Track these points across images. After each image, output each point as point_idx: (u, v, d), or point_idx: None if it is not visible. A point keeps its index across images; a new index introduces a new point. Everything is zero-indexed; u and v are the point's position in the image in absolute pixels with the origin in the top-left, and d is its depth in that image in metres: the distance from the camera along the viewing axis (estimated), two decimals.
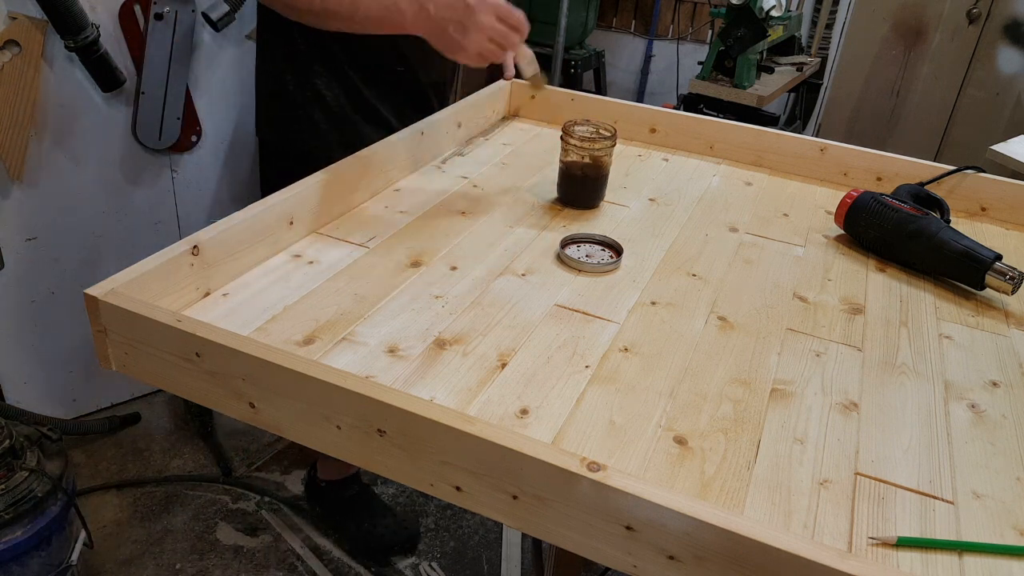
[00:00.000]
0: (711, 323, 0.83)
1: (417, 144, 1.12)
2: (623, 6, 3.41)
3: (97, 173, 1.75)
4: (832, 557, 0.48)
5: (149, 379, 0.70)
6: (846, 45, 3.24)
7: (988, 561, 0.57)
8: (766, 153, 1.28)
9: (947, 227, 0.96)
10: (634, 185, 1.16)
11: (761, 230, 1.06)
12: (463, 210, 1.03)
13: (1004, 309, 0.93)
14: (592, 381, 0.72)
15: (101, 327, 0.69)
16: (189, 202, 1.94)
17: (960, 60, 3.11)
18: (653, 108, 1.34)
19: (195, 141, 1.87)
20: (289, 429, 0.65)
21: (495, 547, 1.72)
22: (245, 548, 1.65)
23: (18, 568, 1.29)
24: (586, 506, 0.54)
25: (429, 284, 0.85)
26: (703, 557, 0.52)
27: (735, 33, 2.34)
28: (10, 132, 1.57)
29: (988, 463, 0.67)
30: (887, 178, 1.20)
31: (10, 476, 1.27)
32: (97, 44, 1.58)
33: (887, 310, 0.90)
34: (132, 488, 1.78)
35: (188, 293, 0.76)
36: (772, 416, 0.70)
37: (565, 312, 0.82)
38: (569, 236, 0.96)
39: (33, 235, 1.70)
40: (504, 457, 0.55)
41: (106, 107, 1.71)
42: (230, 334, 0.64)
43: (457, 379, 0.70)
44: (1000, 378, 0.79)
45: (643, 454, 0.63)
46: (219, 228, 0.79)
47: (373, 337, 0.75)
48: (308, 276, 0.84)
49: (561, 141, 1.04)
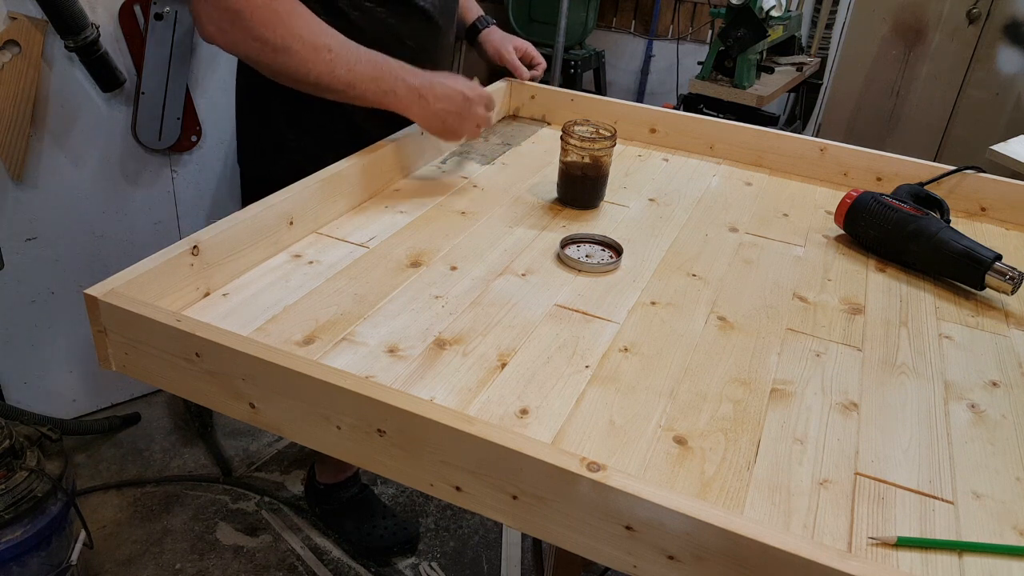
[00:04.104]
0: (711, 323, 0.83)
1: (417, 144, 1.12)
2: (623, 6, 3.41)
3: (97, 173, 1.75)
4: (832, 557, 0.48)
5: (149, 379, 0.70)
6: (846, 45, 3.24)
7: (988, 561, 0.57)
8: (766, 153, 1.28)
9: (947, 227, 0.96)
10: (634, 185, 1.17)
11: (761, 230, 1.06)
12: (463, 210, 1.03)
13: (1004, 309, 0.93)
14: (592, 381, 0.72)
15: (101, 327, 0.69)
16: (189, 202, 1.94)
17: (960, 60, 3.11)
18: (653, 108, 1.34)
19: (195, 141, 1.87)
20: (289, 429, 0.65)
21: (495, 547, 1.72)
22: (245, 548, 1.65)
23: (18, 568, 1.29)
24: (586, 506, 0.54)
25: (429, 284, 0.85)
26: (703, 557, 0.52)
27: (735, 33, 2.34)
28: (10, 132, 1.57)
29: (988, 463, 0.67)
30: (887, 178, 1.20)
31: (10, 476, 1.27)
32: (97, 44, 1.59)
33: (887, 310, 0.90)
34: (132, 488, 1.78)
35: (188, 293, 0.76)
36: (772, 416, 0.70)
37: (565, 312, 0.82)
38: (569, 236, 0.96)
39: (33, 235, 1.70)
40: (504, 457, 0.55)
41: (106, 107, 1.71)
42: (230, 334, 0.64)
43: (457, 379, 0.70)
44: (1000, 378, 0.79)
45: (643, 454, 0.63)
46: (219, 228, 0.79)
47: (373, 337, 0.75)
48: (308, 276, 0.84)
49: (561, 141, 1.04)
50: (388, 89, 0.98)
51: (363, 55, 0.97)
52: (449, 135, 1.04)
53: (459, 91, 1.01)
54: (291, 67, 0.94)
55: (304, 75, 0.95)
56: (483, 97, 1.04)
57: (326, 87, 0.96)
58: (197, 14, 0.93)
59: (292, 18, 0.93)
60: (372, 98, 0.98)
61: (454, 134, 1.04)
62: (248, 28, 0.91)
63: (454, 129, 1.03)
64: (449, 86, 1.01)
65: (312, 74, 0.95)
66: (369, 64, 0.97)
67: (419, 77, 0.99)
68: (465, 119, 1.02)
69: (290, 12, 0.93)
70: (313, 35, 0.94)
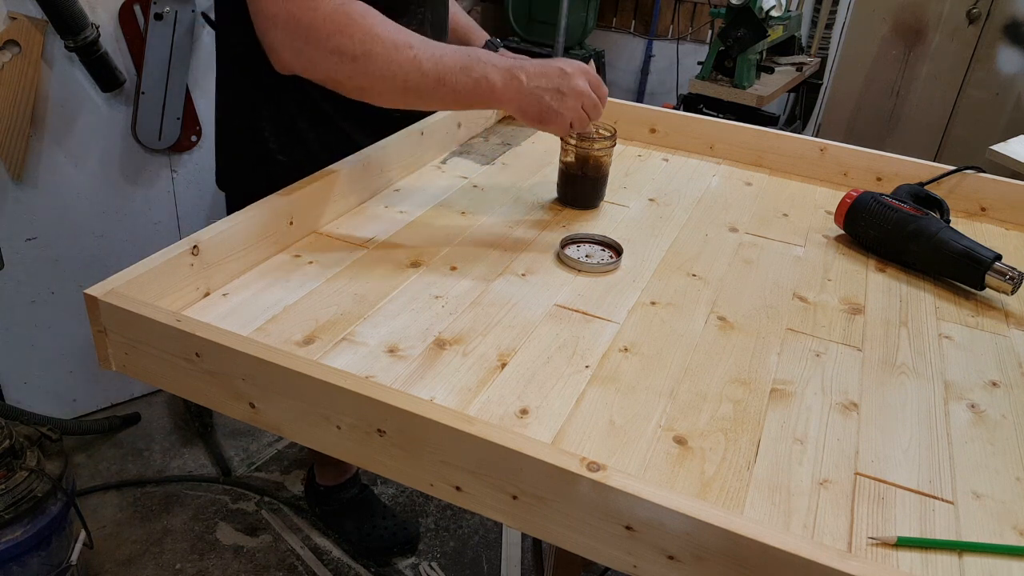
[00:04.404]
0: (711, 323, 0.83)
1: (417, 144, 1.12)
2: (623, 6, 3.41)
3: (97, 173, 1.75)
4: (832, 557, 0.48)
5: (149, 379, 0.70)
6: (846, 45, 3.24)
7: (988, 561, 0.57)
8: (766, 153, 1.28)
9: (947, 227, 0.96)
10: (634, 185, 1.17)
11: (761, 230, 1.06)
12: (463, 210, 1.03)
13: (1004, 309, 0.93)
14: (592, 381, 0.72)
15: (101, 327, 0.69)
16: (189, 202, 1.94)
17: (960, 60, 3.11)
18: (653, 108, 1.34)
19: (195, 141, 1.87)
20: (289, 429, 0.65)
21: (495, 547, 1.72)
22: (245, 548, 1.65)
23: (18, 568, 1.29)
24: (586, 506, 0.54)
25: (429, 284, 0.85)
26: (703, 557, 0.52)
27: (735, 33, 2.34)
28: (10, 132, 1.57)
29: (988, 463, 0.67)
30: (887, 178, 1.20)
31: (10, 476, 1.27)
32: (97, 44, 1.59)
33: (887, 310, 0.90)
34: (132, 488, 1.78)
35: (188, 293, 0.76)
36: (772, 416, 0.70)
37: (565, 312, 0.82)
38: (569, 236, 0.96)
39: (33, 235, 1.70)
40: (504, 457, 0.55)
41: (106, 107, 1.71)
42: (230, 334, 0.64)
43: (457, 379, 0.70)
44: (1000, 378, 0.79)
45: (643, 454, 0.63)
46: (219, 228, 0.79)
47: (373, 337, 0.75)
48: (308, 276, 0.84)
49: (561, 141, 1.04)
50: (480, 76, 0.87)
51: (444, 48, 0.89)
52: (550, 118, 0.90)
53: (556, 67, 0.90)
54: (376, 72, 0.86)
55: (391, 78, 0.86)
56: (584, 71, 0.91)
57: (415, 88, 0.87)
58: (271, 44, 0.86)
59: (367, 19, 0.86)
60: (464, 91, 0.88)
61: (556, 116, 0.90)
62: (323, 40, 0.84)
63: (554, 110, 0.89)
64: (543, 63, 0.90)
65: (400, 75, 0.86)
66: (455, 54, 0.88)
67: (509, 60, 0.90)
68: (566, 96, 0.89)
69: (363, 14, 0.86)
70: (391, 33, 0.86)
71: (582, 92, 0.90)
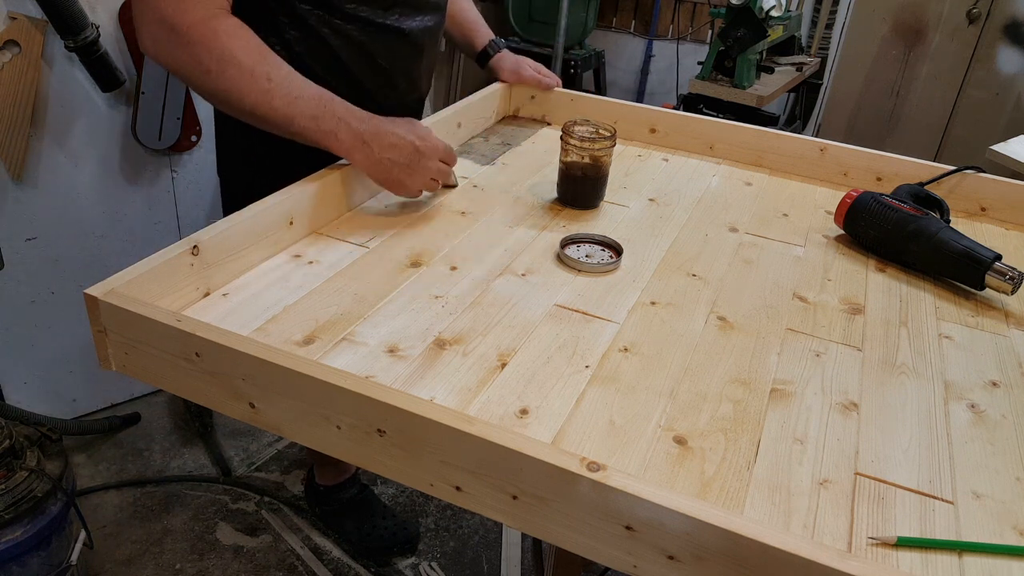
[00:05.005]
0: (711, 323, 0.83)
1: None
2: (623, 6, 3.41)
3: (97, 173, 1.75)
4: (832, 557, 0.48)
5: (149, 379, 0.70)
6: (846, 45, 3.24)
7: (988, 561, 0.57)
8: (766, 153, 1.28)
9: (947, 227, 0.96)
10: (634, 185, 1.17)
11: (761, 230, 1.06)
12: (463, 210, 1.03)
13: (1004, 309, 0.93)
14: (592, 381, 0.72)
15: (101, 327, 0.69)
16: (189, 202, 1.94)
17: (960, 60, 3.11)
18: (653, 108, 1.34)
19: (195, 141, 1.87)
20: (289, 429, 0.65)
21: (495, 547, 1.72)
22: (245, 548, 1.65)
23: (18, 568, 1.29)
24: (586, 506, 0.54)
25: (429, 284, 0.85)
26: (703, 557, 0.52)
27: (735, 33, 2.34)
28: (10, 132, 1.57)
29: (988, 463, 0.67)
30: (887, 178, 1.20)
31: (10, 476, 1.27)
32: (97, 44, 1.59)
33: (887, 310, 0.90)
34: (132, 488, 1.78)
35: (188, 293, 0.76)
36: (772, 416, 0.70)
37: (565, 312, 0.82)
38: (569, 236, 0.96)
39: (33, 235, 1.70)
40: (504, 457, 0.55)
41: (106, 107, 1.71)
42: (230, 334, 0.64)
43: (457, 379, 0.70)
44: (1000, 378, 0.79)
45: (643, 454, 0.64)
46: (219, 228, 0.79)
47: (373, 337, 0.75)
48: (308, 276, 0.84)
49: (561, 141, 1.04)
50: (329, 130, 0.90)
51: (308, 91, 0.90)
52: (396, 187, 0.95)
53: (410, 141, 0.93)
54: (224, 90, 0.87)
55: (239, 101, 0.88)
56: (437, 150, 0.96)
57: (263, 118, 0.89)
58: (137, 25, 0.88)
59: (231, 39, 0.87)
60: (311, 137, 0.90)
61: (401, 186, 0.95)
62: (183, 45, 0.85)
63: (400, 181, 0.94)
64: (399, 135, 0.92)
65: (248, 101, 0.88)
66: (312, 101, 0.89)
67: (366, 123, 0.92)
68: (415, 172, 0.94)
69: (229, 33, 0.87)
70: (252, 60, 0.87)
71: (430, 169, 0.96)
